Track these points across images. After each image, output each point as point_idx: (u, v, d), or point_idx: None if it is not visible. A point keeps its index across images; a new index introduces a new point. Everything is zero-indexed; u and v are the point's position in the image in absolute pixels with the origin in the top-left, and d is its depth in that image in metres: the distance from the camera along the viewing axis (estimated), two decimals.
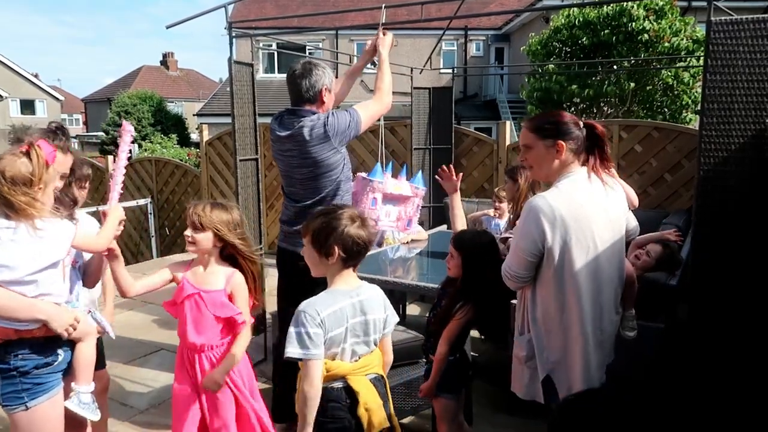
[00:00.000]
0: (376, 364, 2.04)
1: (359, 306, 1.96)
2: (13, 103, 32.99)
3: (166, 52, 37.24)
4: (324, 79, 2.94)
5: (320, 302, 1.90)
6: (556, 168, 2.15)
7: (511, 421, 3.37)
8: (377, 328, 2.01)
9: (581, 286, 2.07)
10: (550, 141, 2.12)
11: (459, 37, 21.89)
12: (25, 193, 1.94)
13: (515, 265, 2.12)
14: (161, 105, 21.90)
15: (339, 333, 1.90)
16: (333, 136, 2.86)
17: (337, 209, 2.01)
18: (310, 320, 1.84)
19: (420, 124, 6.45)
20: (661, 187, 5.45)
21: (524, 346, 2.19)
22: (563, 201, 2.05)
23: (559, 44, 11.85)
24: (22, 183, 1.94)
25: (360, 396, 1.92)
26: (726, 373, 2.60)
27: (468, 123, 18.25)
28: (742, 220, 2.54)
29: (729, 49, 2.51)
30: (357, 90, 21.70)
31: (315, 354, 1.84)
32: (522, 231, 2.09)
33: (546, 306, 2.12)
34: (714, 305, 2.61)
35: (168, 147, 17.91)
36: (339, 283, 1.98)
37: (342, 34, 21.08)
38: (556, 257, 2.04)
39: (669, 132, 5.44)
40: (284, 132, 2.95)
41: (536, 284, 2.14)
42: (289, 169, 3.02)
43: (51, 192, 2.07)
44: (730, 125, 2.53)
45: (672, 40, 10.63)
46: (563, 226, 2.02)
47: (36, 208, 1.96)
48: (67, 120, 43.74)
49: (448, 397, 2.58)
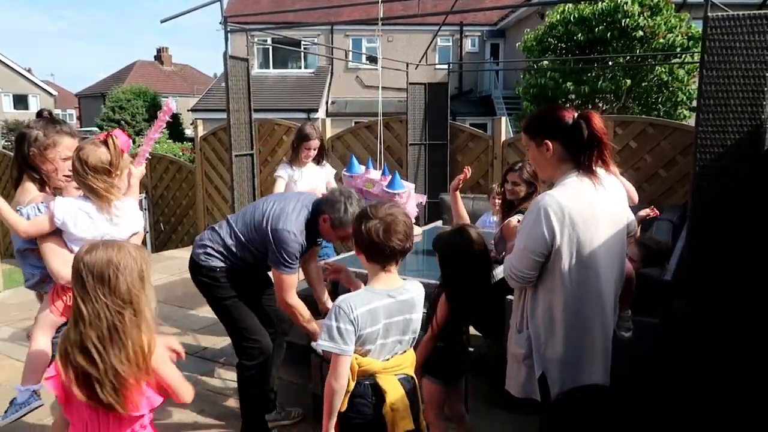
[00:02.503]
0: (407, 366, 2.04)
1: (396, 306, 1.95)
2: (6, 98, 32.81)
3: (161, 47, 36.97)
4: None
5: (356, 299, 1.91)
6: (553, 165, 2.11)
7: (507, 417, 3.37)
8: (416, 326, 2.01)
9: (587, 284, 2.04)
10: (539, 140, 2.09)
11: (454, 32, 21.87)
12: (104, 180, 2.24)
13: (522, 265, 2.06)
14: (155, 100, 21.79)
15: (373, 331, 1.90)
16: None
17: (373, 209, 1.99)
18: (344, 316, 1.85)
19: (415, 120, 6.44)
20: (656, 183, 5.46)
21: (523, 344, 2.16)
22: (571, 199, 1.99)
23: (554, 40, 11.86)
24: (102, 171, 2.23)
25: (387, 395, 1.92)
26: (722, 367, 2.61)
27: (463, 119, 18.25)
28: (737, 216, 2.55)
29: (725, 45, 2.51)
30: (353, 85, 21.73)
31: (344, 349, 1.86)
32: (530, 231, 2.02)
33: (549, 304, 2.08)
34: (710, 300, 2.62)
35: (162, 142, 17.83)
36: (377, 282, 1.98)
37: (337, 30, 21.01)
38: (563, 256, 1.99)
39: (664, 128, 5.45)
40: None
41: (538, 282, 2.09)
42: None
43: (125, 177, 2.39)
44: (726, 121, 2.54)
45: (667, 36, 10.65)
46: (572, 225, 1.97)
47: (113, 194, 2.28)
48: (60, 115, 43.46)
49: (433, 380, 2.58)
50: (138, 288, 1.67)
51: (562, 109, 2.10)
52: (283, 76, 21.54)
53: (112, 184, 2.28)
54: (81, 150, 2.23)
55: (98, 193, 2.25)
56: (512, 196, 3.38)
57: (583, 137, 2.02)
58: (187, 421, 3.35)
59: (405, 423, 1.94)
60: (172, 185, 8.82)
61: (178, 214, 8.91)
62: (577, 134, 2.03)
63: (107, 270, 1.62)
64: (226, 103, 3.97)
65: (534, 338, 2.13)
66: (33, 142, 2.41)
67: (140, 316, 1.68)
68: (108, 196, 2.27)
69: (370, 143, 6.96)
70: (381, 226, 1.91)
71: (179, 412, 3.39)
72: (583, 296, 2.04)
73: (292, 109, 18.54)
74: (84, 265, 1.63)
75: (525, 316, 2.17)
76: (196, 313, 5.08)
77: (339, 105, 21.28)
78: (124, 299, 1.64)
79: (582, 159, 2.05)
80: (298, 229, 2.73)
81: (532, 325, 2.14)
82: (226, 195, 8.02)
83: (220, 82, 20.91)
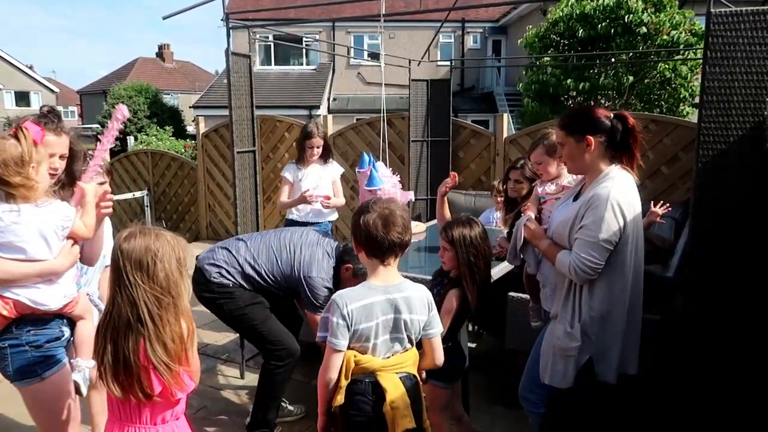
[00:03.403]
0: (409, 364, 2.02)
1: (394, 303, 1.94)
2: (7, 95, 32.81)
3: (162, 44, 36.96)
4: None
5: (351, 294, 1.92)
6: (589, 162, 2.24)
7: (507, 413, 3.38)
8: (413, 328, 1.98)
9: (639, 272, 2.23)
10: (580, 136, 2.21)
11: (456, 29, 21.81)
12: (18, 173, 1.99)
13: (600, 256, 2.15)
14: (157, 97, 21.76)
15: (368, 327, 1.90)
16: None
17: (372, 204, 1.99)
18: (337, 310, 1.88)
19: (418, 117, 6.44)
20: (658, 180, 5.45)
21: (577, 337, 2.22)
22: (629, 191, 2.18)
23: (556, 37, 11.82)
24: (14, 164, 1.99)
25: (387, 393, 1.91)
26: (724, 365, 2.61)
27: (465, 115, 18.22)
28: (739, 213, 2.54)
29: (728, 41, 2.50)
30: (354, 82, 21.70)
31: (335, 343, 1.88)
32: (603, 222, 2.13)
33: (607, 294, 2.20)
34: (712, 298, 2.62)
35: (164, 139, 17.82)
36: (375, 279, 1.98)
37: (339, 26, 20.97)
38: (628, 245, 2.16)
39: (666, 125, 5.44)
40: None
41: (602, 272, 2.19)
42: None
43: (45, 172, 2.11)
44: (729, 117, 2.53)
45: (671, 33, 10.61)
46: (632, 215, 2.16)
47: (31, 188, 2.03)
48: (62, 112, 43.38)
49: (439, 384, 2.57)
50: (176, 276, 1.69)
51: (598, 109, 2.28)
52: (284, 72, 21.51)
53: (28, 176, 2.00)
54: None
55: (13, 186, 1.99)
56: (515, 194, 3.37)
57: (620, 135, 2.23)
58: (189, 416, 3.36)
59: (405, 421, 1.92)
60: (174, 182, 8.83)
61: (180, 211, 8.92)
62: (615, 132, 2.22)
63: (145, 257, 1.65)
64: (228, 100, 3.96)
65: (590, 330, 2.21)
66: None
67: (179, 303, 1.70)
68: (23, 190, 2.00)
69: (371, 140, 6.96)
70: (380, 219, 1.92)
71: None
72: (638, 283, 2.24)
73: (293, 105, 18.52)
74: (122, 253, 1.65)
75: (577, 310, 2.24)
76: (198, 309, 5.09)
77: (341, 102, 21.26)
78: (162, 286, 1.66)
79: (619, 154, 2.25)
80: (328, 276, 2.96)
81: (587, 316, 2.21)
82: (228, 192, 8.03)
83: (221, 78, 20.89)
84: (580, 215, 2.20)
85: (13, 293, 2.05)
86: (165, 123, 20.30)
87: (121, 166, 9.29)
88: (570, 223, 2.24)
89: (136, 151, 9.64)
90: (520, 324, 3.23)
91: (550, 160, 2.79)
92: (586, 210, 2.18)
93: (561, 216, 2.34)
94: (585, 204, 2.19)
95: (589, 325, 2.22)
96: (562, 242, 2.30)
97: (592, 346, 2.22)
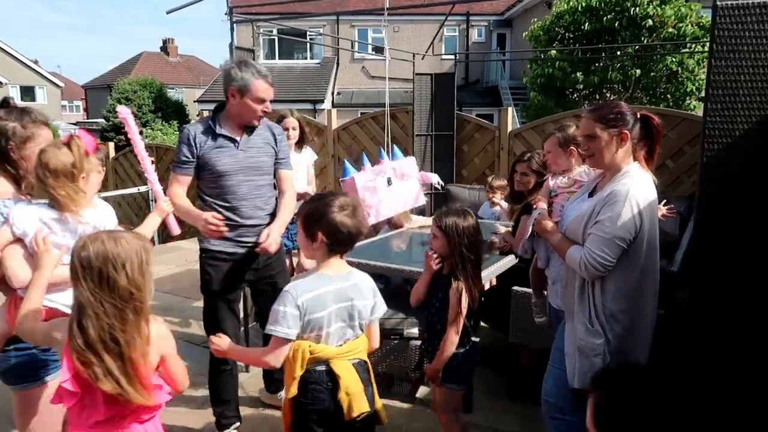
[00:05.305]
0: (361, 350, 2.08)
1: (345, 291, 2.00)
2: (13, 90, 32.86)
3: (166, 38, 36.95)
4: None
5: (303, 285, 1.96)
6: (621, 157, 2.22)
7: (511, 407, 3.39)
8: (363, 314, 2.05)
9: (654, 270, 2.21)
10: (616, 130, 2.19)
11: (461, 22, 21.74)
12: (68, 186, 2.04)
13: (612, 253, 2.13)
14: (161, 91, 21.80)
15: (320, 316, 1.95)
16: None
17: (330, 196, 2.03)
18: (290, 301, 1.91)
19: (422, 111, 6.42)
20: (663, 174, 5.42)
21: (600, 332, 2.19)
22: (649, 188, 2.18)
23: (561, 30, 11.76)
24: (64, 175, 2.03)
25: (341, 380, 1.97)
26: (727, 359, 2.60)
27: (470, 109, 18.18)
28: (745, 207, 2.53)
29: (735, 34, 2.48)
30: (359, 76, 21.67)
31: (286, 332, 1.91)
32: (620, 219, 2.11)
33: (624, 291, 2.18)
34: (716, 292, 2.61)
35: (169, 133, 17.88)
36: (325, 268, 2.03)
37: (343, 20, 20.93)
38: (643, 242, 2.15)
39: (672, 118, 5.41)
40: None
41: (613, 270, 2.17)
42: None
43: (94, 181, 2.17)
44: (735, 111, 2.51)
45: (677, 25, 10.54)
46: (649, 212, 2.14)
47: (76, 201, 2.06)
48: (67, 107, 43.61)
49: (454, 387, 2.56)
50: (140, 281, 1.62)
51: (626, 105, 2.26)
52: (288, 66, 21.49)
53: (77, 189, 2.07)
54: (42, 153, 2.05)
55: (60, 200, 2.05)
56: (521, 187, 3.36)
57: (645, 133, 2.24)
58: (191, 411, 3.38)
59: (360, 406, 1.99)
60: None
61: None
62: (641, 130, 2.23)
63: (105, 266, 1.57)
64: None
65: (607, 328, 2.18)
66: (11, 136, 2.18)
67: (143, 308, 1.64)
68: (70, 203, 2.06)
69: (376, 134, 6.95)
70: (345, 211, 1.97)
71: (184, 404, 3.41)
72: (653, 282, 2.23)
73: (298, 99, 18.50)
74: (80, 262, 1.57)
75: (593, 308, 2.21)
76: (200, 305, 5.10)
77: (345, 96, 21.24)
78: (125, 295, 1.59)
79: (642, 152, 2.26)
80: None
81: (606, 314, 2.19)
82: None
83: None
84: (596, 211, 2.18)
85: (49, 300, 2.03)
86: (170, 117, 20.34)
87: (126, 161, 9.31)
88: (585, 219, 2.21)
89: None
90: (524, 319, 3.23)
91: (561, 152, 2.76)
92: (603, 206, 2.16)
93: (576, 212, 2.31)
94: (602, 200, 2.17)
95: (605, 323, 2.19)
96: (576, 238, 2.27)
97: (611, 344, 2.20)
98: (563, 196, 2.67)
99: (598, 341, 2.19)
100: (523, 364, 3.45)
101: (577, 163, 2.73)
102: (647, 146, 2.26)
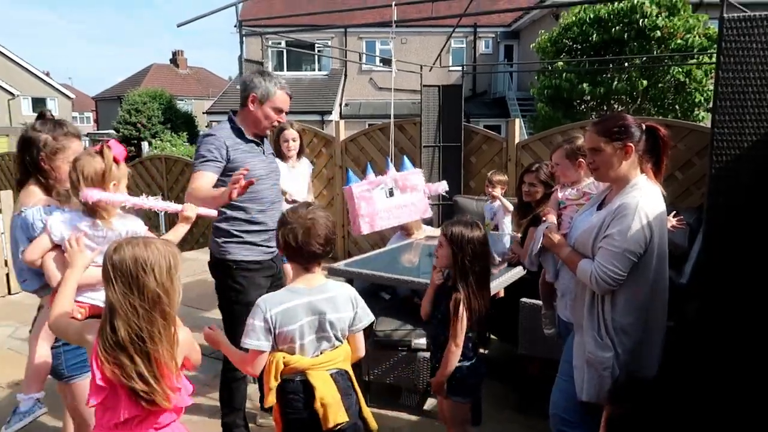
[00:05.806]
0: (341, 360, 2.08)
1: (316, 305, 2.01)
2: (24, 101, 33.26)
3: (176, 50, 37.40)
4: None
5: (273, 299, 2.00)
6: (625, 170, 2.21)
7: (517, 418, 3.37)
8: (338, 326, 2.05)
9: (664, 282, 2.20)
10: (620, 143, 2.18)
11: (468, 34, 21.84)
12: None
13: (623, 267, 2.12)
14: (171, 103, 22.02)
15: (292, 329, 1.97)
16: None
17: (298, 209, 2.05)
18: (260, 314, 1.95)
19: (429, 122, 6.45)
20: (672, 185, 5.40)
21: (609, 345, 2.18)
22: (657, 201, 2.17)
23: (569, 41, 11.79)
24: (97, 182, 2.13)
25: (316, 390, 1.98)
26: (736, 371, 2.58)
27: (477, 121, 18.22)
28: (754, 219, 2.52)
29: (742, 45, 2.49)
30: (366, 88, 21.77)
31: (258, 345, 1.94)
32: (630, 233, 2.10)
33: (634, 304, 2.17)
34: (725, 304, 2.60)
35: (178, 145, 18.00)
36: (298, 282, 2.05)
37: (351, 32, 21.09)
38: (654, 255, 2.14)
39: (680, 129, 5.39)
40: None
41: (623, 284, 2.15)
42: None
43: (125, 189, 2.26)
44: (743, 123, 2.51)
45: (685, 36, 10.54)
46: (659, 225, 2.14)
47: (107, 209, 2.17)
48: (78, 118, 44.01)
49: (461, 400, 2.55)
50: (168, 285, 1.67)
51: (632, 117, 2.26)
52: (297, 78, 21.66)
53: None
54: (77, 161, 2.16)
55: (93, 207, 2.15)
56: (529, 198, 3.36)
57: (652, 144, 2.23)
58: (200, 422, 3.38)
59: (337, 416, 1.99)
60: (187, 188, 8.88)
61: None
62: (648, 141, 2.22)
63: (135, 269, 1.62)
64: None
65: (616, 341, 2.17)
66: (42, 147, 2.32)
67: (171, 312, 1.69)
68: (102, 210, 2.16)
69: (383, 145, 6.97)
70: (300, 229, 1.98)
71: (193, 414, 3.41)
72: (662, 293, 2.22)
73: (306, 111, 18.63)
74: (111, 264, 1.63)
75: (602, 320, 2.20)
76: (210, 315, 5.15)
77: (353, 107, 21.34)
78: (153, 298, 1.64)
79: (649, 164, 2.24)
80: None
81: (613, 329, 2.17)
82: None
83: (234, 84, 21.06)
84: (606, 224, 2.16)
85: (89, 297, 2.17)
86: (179, 129, 20.51)
87: (135, 172, 9.38)
88: (594, 232, 2.20)
89: (150, 157, 9.73)
90: (532, 330, 3.21)
91: (569, 164, 2.76)
92: (612, 219, 2.14)
93: (585, 224, 2.30)
94: (611, 213, 2.16)
95: (614, 337, 2.18)
96: (585, 252, 2.25)
97: (620, 357, 2.18)
98: (572, 208, 2.66)
99: (607, 354, 2.17)
100: (531, 374, 3.43)
101: (585, 174, 2.72)
102: (654, 158, 2.24)
